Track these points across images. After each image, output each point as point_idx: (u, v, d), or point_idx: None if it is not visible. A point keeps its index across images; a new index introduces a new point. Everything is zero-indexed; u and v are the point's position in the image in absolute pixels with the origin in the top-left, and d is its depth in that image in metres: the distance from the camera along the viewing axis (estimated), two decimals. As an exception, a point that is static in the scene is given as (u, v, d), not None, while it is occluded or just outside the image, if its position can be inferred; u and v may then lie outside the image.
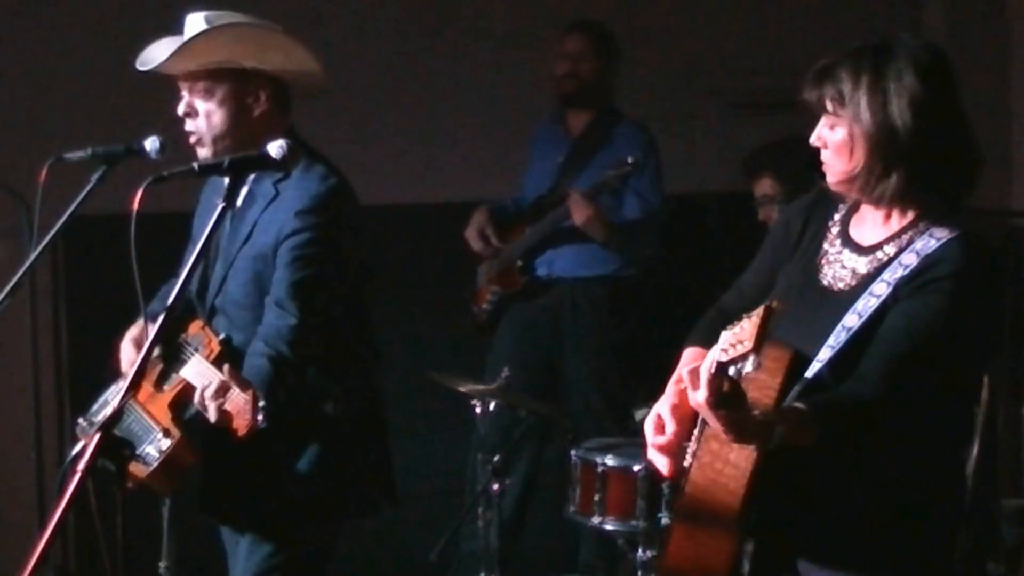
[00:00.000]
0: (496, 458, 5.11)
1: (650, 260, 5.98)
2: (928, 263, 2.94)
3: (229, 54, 3.81)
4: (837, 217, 3.15)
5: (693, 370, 2.76)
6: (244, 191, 3.87)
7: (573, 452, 4.85)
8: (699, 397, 2.74)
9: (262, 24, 3.88)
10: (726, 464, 2.90)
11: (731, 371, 2.71)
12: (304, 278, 3.75)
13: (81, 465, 2.76)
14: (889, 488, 3.00)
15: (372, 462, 3.94)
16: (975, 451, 5.09)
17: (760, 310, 2.65)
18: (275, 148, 3.26)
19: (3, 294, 3.77)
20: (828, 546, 3.03)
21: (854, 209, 3.14)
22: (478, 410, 5.16)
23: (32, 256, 3.80)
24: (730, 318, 3.23)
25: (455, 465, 5.99)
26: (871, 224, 3.08)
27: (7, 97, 5.98)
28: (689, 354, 3.25)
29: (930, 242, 2.97)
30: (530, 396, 5.34)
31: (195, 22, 3.82)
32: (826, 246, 3.12)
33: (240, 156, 3.26)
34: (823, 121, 3.03)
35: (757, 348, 2.64)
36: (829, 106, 3.01)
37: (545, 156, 6.00)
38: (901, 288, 2.94)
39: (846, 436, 2.89)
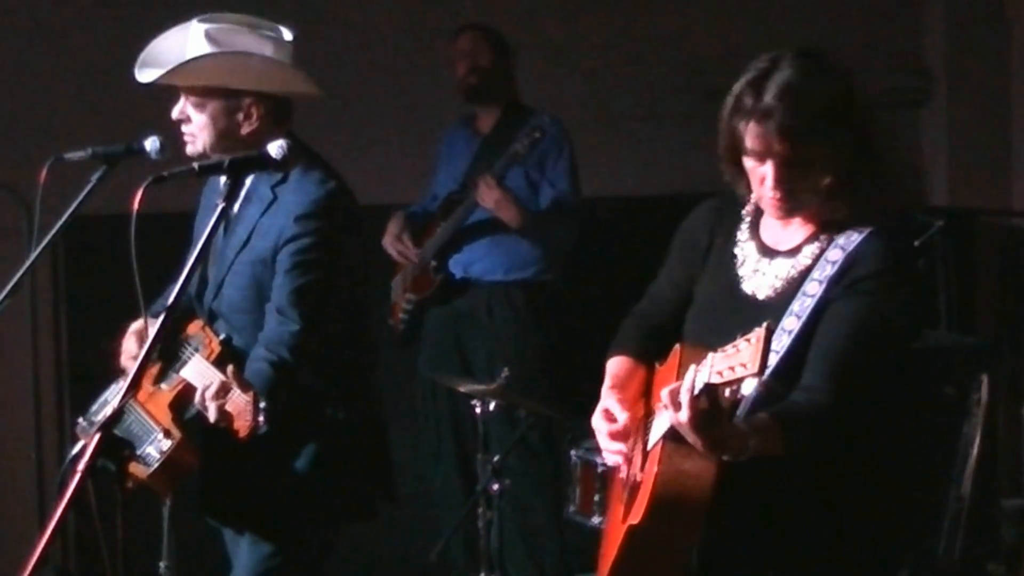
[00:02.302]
0: (496, 458, 5.11)
1: (566, 259, 5.94)
2: (853, 259, 2.99)
3: (223, 79, 3.81)
4: (744, 224, 3.18)
5: (673, 391, 2.79)
6: (241, 193, 3.86)
7: (573, 452, 4.85)
8: (682, 417, 2.77)
9: (266, 42, 3.86)
10: (689, 477, 2.92)
11: (727, 392, 2.74)
12: (305, 284, 3.74)
13: (81, 465, 2.75)
14: (845, 482, 3.04)
15: (371, 464, 3.94)
16: (975, 451, 5.10)
17: (760, 332, 2.66)
18: (275, 148, 3.26)
19: (3, 294, 3.77)
20: (791, 560, 3.06)
21: (759, 214, 3.16)
22: (478, 410, 5.16)
23: (32, 256, 3.80)
24: (653, 326, 3.29)
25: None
26: (782, 228, 3.11)
27: (7, 97, 5.98)
28: (616, 362, 3.29)
29: (852, 236, 3.01)
30: (528, 396, 5.33)
31: (197, 36, 3.82)
32: (741, 255, 3.14)
33: (240, 156, 3.26)
34: (762, 159, 2.99)
35: (761, 371, 2.65)
36: (781, 146, 2.95)
37: (455, 157, 5.98)
38: (833, 287, 2.98)
39: (810, 443, 2.93)
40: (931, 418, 5.26)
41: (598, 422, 3.18)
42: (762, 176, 3.00)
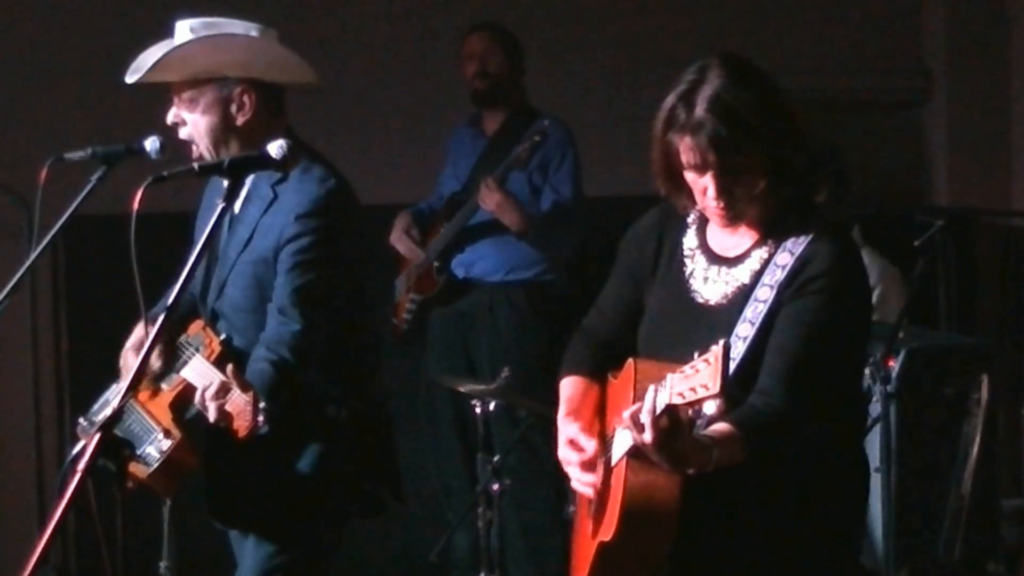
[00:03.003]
0: (496, 458, 5.11)
1: (569, 262, 5.94)
2: (803, 261, 3.02)
3: (211, 64, 3.80)
4: (691, 232, 3.20)
5: (634, 413, 2.81)
6: (242, 192, 3.86)
7: (573, 452, 4.84)
8: (645, 439, 2.80)
9: (252, 30, 3.86)
10: (656, 489, 2.94)
11: (689, 412, 2.77)
12: (306, 283, 3.74)
13: (81, 465, 2.75)
14: (806, 478, 3.07)
15: (376, 462, 3.94)
16: (975, 451, 5.08)
17: (718, 351, 2.68)
18: (275, 148, 3.25)
19: (3, 294, 3.77)
20: (757, 558, 3.09)
21: (705, 221, 3.19)
22: (478, 410, 5.16)
23: (32, 256, 3.80)
24: (602, 341, 3.31)
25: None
26: (729, 234, 3.14)
27: (7, 97, 5.98)
28: (570, 383, 3.30)
29: (799, 238, 3.05)
30: (529, 396, 5.33)
31: (182, 31, 3.82)
32: (690, 264, 3.17)
33: (240, 156, 3.26)
34: (701, 170, 3.02)
35: (723, 391, 2.67)
36: (713, 156, 2.99)
37: (461, 157, 5.98)
38: (784, 291, 3.01)
39: (770, 446, 2.96)
40: (931, 418, 5.26)
41: (566, 453, 3.19)
42: (703, 187, 3.05)
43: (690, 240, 3.19)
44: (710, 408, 2.71)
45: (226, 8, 3.93)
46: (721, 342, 2.69)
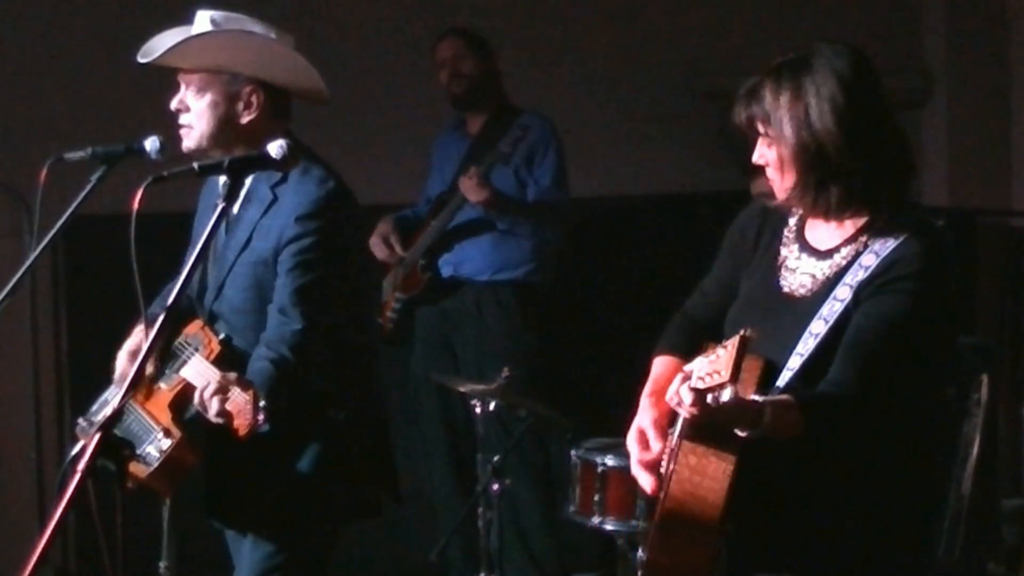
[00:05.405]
0: (496, 458, 5.11)
1: (560, 258, 5.95)
2: (887, 263, 2.98)
3: (227, 59, 3.80)
4: (792, 222, 3.19)
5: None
6: (240, 193, 3.86)
7: (573, 452, 4.85)
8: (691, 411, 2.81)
9: (271, 32, 3.87)
10: (704, 477, 2.92)
11: (708, 399, 2.76)
12: (306, 284, 3.74)
13: (81, 465, 2.75)
14: (866, 485, 3.03)
15: (374, 462, 3.94)
16: (975, 451, 5.09)
17: (736, 340, 2.67)
18: (275, 148, 3.25)
19: (3, 294, 3.77)
20: (809, 555, 3.05)
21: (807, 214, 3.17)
22: (478, 410, 5.16)
23: (32, 256, 3.80)
24: (697, 323, 3.31)
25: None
26: (824, 228, 3.12)
27: (7, 97, 5.98)
28: (661, 363, 3.30)
29: (887, 242, 3.01)
30: (529, 396, 5.34)
31: (202, 20, 3.82)
32: (784, 252, 3.16)
33: (240, 156, 3.25)
34: (760, 141, 3.06)
35: (734, 379, 2.67)
36: (759, 127, 3.03)
37: (446, 159, 6.01)
38: (862, 290, 2.98)
39: (828, 429, 2.94)
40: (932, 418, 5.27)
41: (632, 444, 3.18)
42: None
43: (790, 230, 3.18)
44: (726, 396, 2.71)
45: (228, 9, 3.92)
46: (741, 331, 2.68)
